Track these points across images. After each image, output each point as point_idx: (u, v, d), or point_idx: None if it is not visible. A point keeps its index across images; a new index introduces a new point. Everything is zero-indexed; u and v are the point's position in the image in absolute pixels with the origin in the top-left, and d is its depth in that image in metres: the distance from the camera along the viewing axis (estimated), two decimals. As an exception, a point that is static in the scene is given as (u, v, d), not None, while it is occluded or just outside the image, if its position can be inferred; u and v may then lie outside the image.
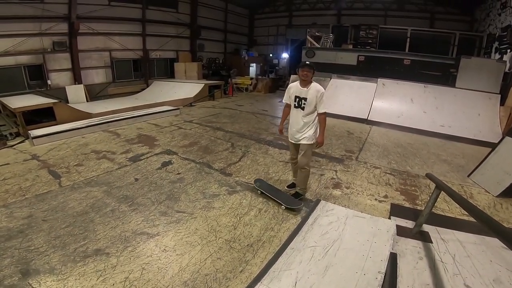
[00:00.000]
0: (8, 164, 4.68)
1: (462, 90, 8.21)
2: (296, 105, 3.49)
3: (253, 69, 17.04)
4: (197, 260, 2.58)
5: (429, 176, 2.99)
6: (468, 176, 4.68)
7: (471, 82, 8.18)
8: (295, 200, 3.58)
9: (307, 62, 3.36)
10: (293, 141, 3.65)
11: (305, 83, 3.38)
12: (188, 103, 10.26)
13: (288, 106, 3.74)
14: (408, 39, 11.53)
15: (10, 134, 6.14)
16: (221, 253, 2.68)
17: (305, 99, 3.39)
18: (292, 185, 3.97)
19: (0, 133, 5.92)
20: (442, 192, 2.73)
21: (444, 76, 9.01)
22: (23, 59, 9.15)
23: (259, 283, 2.21)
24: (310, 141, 3.48)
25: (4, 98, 7.73)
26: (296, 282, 2.22)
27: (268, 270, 2.36)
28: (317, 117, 3.46)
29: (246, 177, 4.37)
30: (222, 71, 15.83)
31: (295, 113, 3.53)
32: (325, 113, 3.41)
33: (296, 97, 3.47)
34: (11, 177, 4.18)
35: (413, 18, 14.12)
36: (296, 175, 3.84)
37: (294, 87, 3.51)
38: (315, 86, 3.39)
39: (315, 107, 3.39)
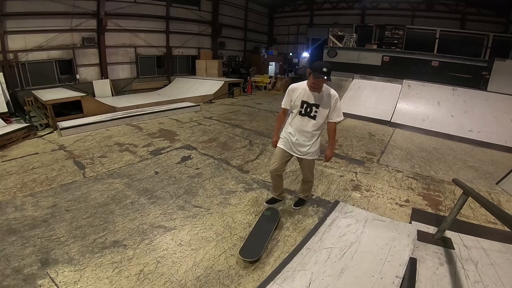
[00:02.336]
0: (37, 153, 4.93)
1: (494, 93, 7.75)
2: (303, 112, 2.90)
3: (272, 67, 17.00)
4: (211, 255, 2.60)
5: (456, 182, 2.85)
6: (497, 183, 4.43)
7: (505, 86, 7.71)
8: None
9: (324, 69, 2.60)
10: (293, 154, 3.06)
11: (317, 89, 2.81)
12: (208, 100, 10.39)
13: (285, 112, 3.10)
14: (437, 40, 11.04)
15: (40, 125, 6.48)
16: (235, 250, 2.67)
17: (317, 106, 2.84)
18: (272, 201, 3.49)
19: (31, 124, 6.25)
20: (469, 198, 2.60)
21: (475, 79, 8.57)
22: (55, 54, 9.61)
23: (272, 282, 2.19)
24: (316, 156, 3.08)
25: (36, 90, 8.17)
26: (310, 283, 2.18)
27: (282, 269, 2.33)
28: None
29: (263, 175, 4.36)
30: (241, 69, 15.90)
31: (301, 122, 2.95)
32: (337, 122, 2.96)
33: (303, 102, 2.87)
34: (39, 166, 4.40)
35: (443, 19, 13.55)
36: (278, 191, 3.42)
37: (300, 90, 2.88)
38: (327, 89, 2.86)
39: (327, 116, 2.91)
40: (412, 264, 2.43)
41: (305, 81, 2.89)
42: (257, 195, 3.75)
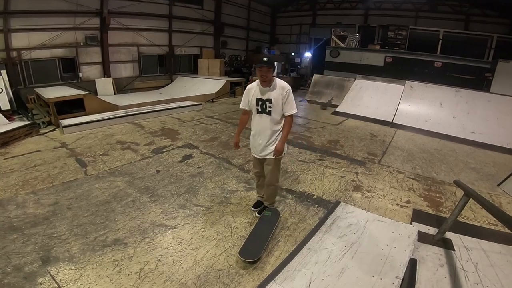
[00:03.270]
0: (39, 151, 4.95)
1: (497, 95, 7.72)
2: (260, 109, 2.84)
3: (274, 67, 16.88)
4: (211, 254, 2.61)
5: (457, 183, 2.84)
6: (498, 185, 4.42)
7: (508, 87, 7.71)
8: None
9: (265, 59, 2.65)
10: (257, 156, 3.01)
11: (267, 82, 2.76)
12: (210, 99, 10.40)
13: (246, 113, 3.06)
14: (440, 41, 11.00)
15: (43, 122, 6.50)
16: (235, 249, 2.68)
17: (270, 100, 2.78)
18: (259, 204, 3.35)
19: (33, 121, 6.28)
20: (470, 200, 2.60)
21: (478, 80, 8.55)
22: (58, 52, 9.62)
23: (272, 282, 2.20)
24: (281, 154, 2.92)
25: (39, 88, 8.19)
26: (310, 283, 2.19)
27: (282, 269, 2.34)
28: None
29: (264, 174, 4.36)
30: (243, 69, 15.90)
31: (259, 120, 2.88)
32: (292, 115, 2.84)
33: (258, 100, 2.82)
34: (41, 164, 4.42)
35: (446, 20, 13.47)
36: (261, 192, 3.32)
37: (254, 88, 2.87)
38: (279, 83, 2.80)
39: (282, 109, 2.80)
40: (412, 265, 2.44)
41: (258, 80, 2.85)
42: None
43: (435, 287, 2.25)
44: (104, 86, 10.57)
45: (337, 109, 9.22)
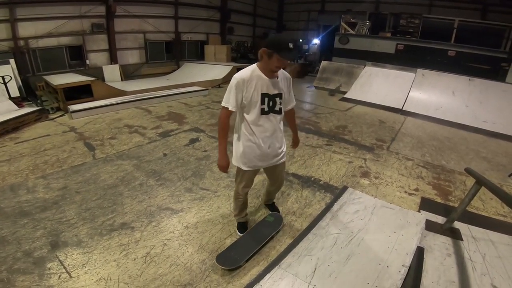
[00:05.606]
0: (48, 135, 5.02)
1: (513, 85, 7.46)
2: (267, 109, 2.13)
3: (282, 53, 16.66)
4: (217, 238, 2.61)
5: (468, 171, 2.77)
6: (510, 176, 4.29)
7: (525, 77, 7.41)
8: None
9: (291, 45, 1.91)
10: (261, 166, 2.39)
11: (277, 72, 2.10)
12: (217, 84, 10.34)
13: (228, 115, 2.14)
14: (455, 30, 10.61)
15: (52, 108, 6.57)
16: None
17: (280, 95, 2.16)
18: (245, 226, 2.76)
19: (43, 107, 6.35)
20: (480, 189, 2.54)
21: (493, 70, 8.27)
22: (65, 40, 9.63)
23: (277, 266, 2.20)
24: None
25: (47, 76, 8.26)
26: (315, 269, 2.18)
27: (288, 254, 2.34)
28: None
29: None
30: (250, 55, 15.71)
31: (266, 123, 2.17)
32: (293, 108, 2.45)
33: (265, 95, 2.09)
34: (50, 148, 4.48)
35: (462, 9, 12.87)
36: (244, 212, 2.72)
37: (255, 80, 2.04)
38: (282, 72, 2.19)
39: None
40: (420, 253, 2.41)
41: (253, 67, 2.09)
42: (264, 178, 3.68)
43: (442, 277, 2.22)
44: (112, 73, 10.58)
45: (345, 95, 9.06)
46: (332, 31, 13.76)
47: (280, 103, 2.19)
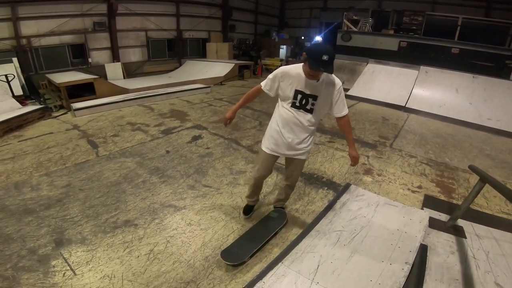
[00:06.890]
0: (52, 133, 5.04)
1: (517, 83, 7.40)
2: (298, 104, 2.26)
3: (283, 51, 16.83)
4: (220, 235, 2.62)
5: (472, 168, 2.75)
6: (514, 173, 4.28)
7: (530, 75, 7.34)
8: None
9: (325, 58, 1.92)
10: (283, 154, 2.46)
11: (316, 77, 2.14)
12: (219, 81, 10.34)
13: (260, 92, 2.48)
14: (459, 28, 10.52)
15: (55, 106, 6.61)
16: (243, 230, 2.68)
17: (314, 97, 2.21)
18: (250, 209, 2.93)
19: (46, 105, 6.38)
20: (484, 187, 2.52)
21: (498, 68, 8.20)
22: (67, 38, 9.68)
23: (280, 263, 2.19)
24: (308, 155, 2.54)
25: (50, 74, 8.30)
26: (318, 266, 2.18)
27: (291, 251, 2.33)
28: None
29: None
30: (252, 52, 15.70)
31: (292, 115, 2.30)
32: (347, 115, 2.34)
33: (298, 92, 2.21)
34: (54, 145, 4.49)
35: (466, 6, 12.79)
36: (255, 196, 2.86)
37: (293, 76, 2.21)
38: (328, 77, 2.18)
39: (329, 110, 2.33)
40: (423, 251, 2.40)
41: (300, 65, 2.20)
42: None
43: (446, 274, 2.21)
44: (114, 71, 10.62)
45: (348, 93, 8.98)
46: (335, 28, 13.67)
47: (313, 104, 2.25)
